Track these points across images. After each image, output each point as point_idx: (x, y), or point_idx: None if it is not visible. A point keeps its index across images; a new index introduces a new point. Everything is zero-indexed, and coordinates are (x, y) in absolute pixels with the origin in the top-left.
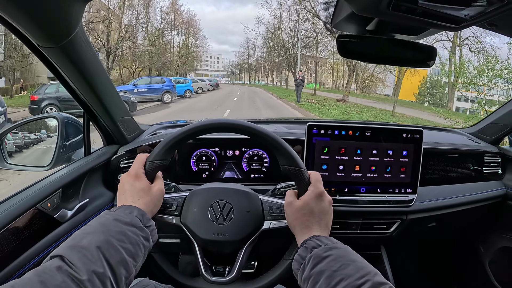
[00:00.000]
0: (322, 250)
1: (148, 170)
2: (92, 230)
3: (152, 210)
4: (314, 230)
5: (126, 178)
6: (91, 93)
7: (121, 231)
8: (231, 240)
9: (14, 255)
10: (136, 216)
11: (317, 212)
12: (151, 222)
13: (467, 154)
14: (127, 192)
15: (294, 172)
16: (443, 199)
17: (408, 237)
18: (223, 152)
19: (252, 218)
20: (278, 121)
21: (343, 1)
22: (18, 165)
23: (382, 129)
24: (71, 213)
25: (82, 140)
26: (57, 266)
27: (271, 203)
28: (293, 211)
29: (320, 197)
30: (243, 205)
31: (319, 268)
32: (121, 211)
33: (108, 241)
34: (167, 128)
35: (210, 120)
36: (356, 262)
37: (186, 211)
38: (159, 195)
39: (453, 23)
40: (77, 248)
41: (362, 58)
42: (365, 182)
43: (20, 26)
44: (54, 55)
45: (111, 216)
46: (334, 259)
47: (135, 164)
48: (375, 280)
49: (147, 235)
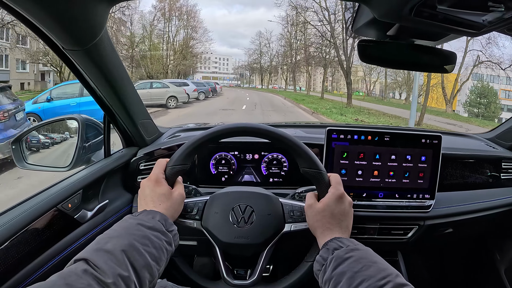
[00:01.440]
0: (343, 251)
1: (169, 175)
2: (116, 234)
3: (173, 215)
4: (336, 232)
5: (146, 183)
6: (114, 95)
7: (144, 235)
8: (253, 243)
9: (35, 254)
10: (159, 221)
11: (338, 214)
12: (173, 227)
13: (485, 160)
14: (148, 197)
15: (314, 174)
16: (460, 205)
17: (425, 243)
18: (243, 156)
19: (273, 221)
20: (297, 125)
21: (364, 6)
22: (37, 165)
23: (401, 134)
24: (91, 213)
25: (101, 141)
26: (82, 269)
27: (291, 206)
28: (314, 213)
29: (341, 199)
30: (264, 208)
31: (340, 269)
32: (144, 216)
33: (132, 245)
34: (186, 131)
35: (230, 125)
36: (378, 263)
37: (207, 215)
38: (180, 199)
39: (473, 28)
40: (102, 252)
41: (382, 63)
42: (383, 187)
43: (47, 29)
44: (78, 58)
45: (135, 220)
46: (356, 260)
47: (156, 169)
48: (396, 281)
49: (170, 239)
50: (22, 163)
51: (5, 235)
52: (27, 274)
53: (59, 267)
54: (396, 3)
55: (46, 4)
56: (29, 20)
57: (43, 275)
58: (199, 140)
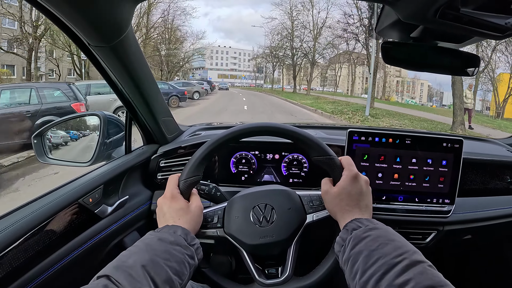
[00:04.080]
0: (362, 231)
1: (183, 190)
2: (137, 250)
3: (194, 228)
4: (355, 213)
5: (162, 201)
6: (137, 93)
7: (166, 250)
8: (279, 240)
9: (56, 246)
10: (181, 235)
11: (355, 194)
12: (195, 240)
13: (505, 165)
14: (167, 214)
15: (325, 161)
16: (480, 211)
17: (443, 248)
18: (263, 156)
19: (294, 214)
20: (318, 127)
21: (389, 8)
22: (59, 160)
23: (422, 137)
24: (111, 209)
25: (122, 138)
26: (104, 285)
27: (309, 196)
28: (331, 198)
29: (355, 179)
30: (283, 203)
31: (358, 248)
32: (165, 231)
33: (153, 260)
34: (208, 129)
35: (231, 130)
36: (395, 241)
37: (228, 221)
38: (198, 211)
39: (497, 31)
40: (122, 268)
41: (405, 65)
42: (403, 190)
43: (74, 25)
44: (104, 54)
45: (156, 236)
46: (373, 239)
47: (169, 186)
48: (412, 258)
49: (192, 253)
50: (43, 157)
51: (27, 227)
52: (48, 266)
53: (78, 260)
54: (421, 5)
55: (74, 0)
56: (56, 17)
57: (62, 268)
58: (204, 151)
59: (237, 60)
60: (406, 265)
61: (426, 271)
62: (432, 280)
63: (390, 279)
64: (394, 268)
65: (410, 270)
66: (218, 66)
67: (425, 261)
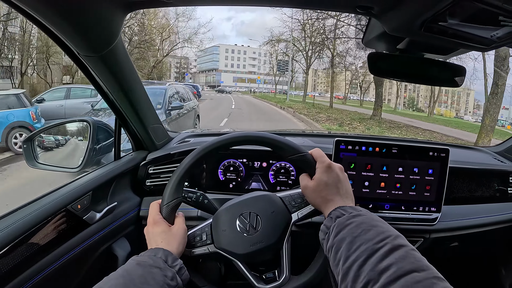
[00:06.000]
0: (345, 218)
1: (166, 214)
2: (114, 276)
3: (177, 248)
4: (337, 201)
5: (147, 229)
6: (126, 100)
7: (142, 274)
8: (269, 245)
9: (44, 253)
10: (161, 257)
11: (332, 183)
12: (177, 261)
13: (492, 173)
14: (151, 239)
15: (298, 158)
16: (466, 219)
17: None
18: (251, 163)
19: (279, 216)
20: (305, 134)
21: (375, 20)
22: (48, 165)
23: (408, 146)
24: (100, 215)
25: (111, 144)
26: None
27: (290, 196)
28: (310, 191)
29: (330, 168)
30: (266, 208)
31: (341, 235)
32: (146, 255)
33: (127, 285)
34: (196, 136)
35: (204, 146)
36: (378, 226)
37: (217, 235)
38: (180, 232)
39: (482, 44)
40: None
41: (392, 76)
42: (390, 199)
43: (63, 35)
44: (93, 64)
45: (135, 261)
46: (356, 226)
47: (151, 213)
48: (395, 242)
49: (173, 274)
50: (32, 162)
51: (15, 233)
52: (35, 273)
53: (67, 266)
54: (406, 18)
55: (64, 11)
56: (46, 27)
57: (50, 275)
58: (181, 171)
59: (257, 61)
60: (388, 250)
61: (408, 255)
62: (414, 264)
63: (372, 264)
64: (377, 253)
65: (392, 254)
66: (234, 68)
67: (407, 245)
